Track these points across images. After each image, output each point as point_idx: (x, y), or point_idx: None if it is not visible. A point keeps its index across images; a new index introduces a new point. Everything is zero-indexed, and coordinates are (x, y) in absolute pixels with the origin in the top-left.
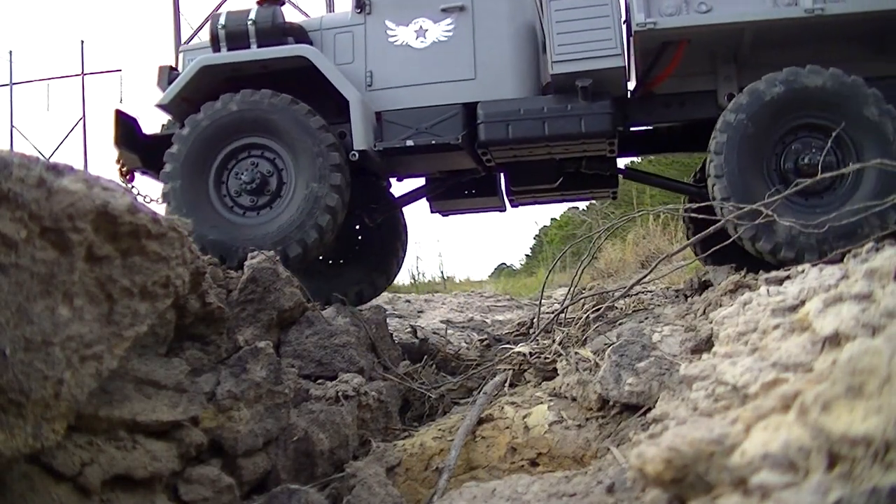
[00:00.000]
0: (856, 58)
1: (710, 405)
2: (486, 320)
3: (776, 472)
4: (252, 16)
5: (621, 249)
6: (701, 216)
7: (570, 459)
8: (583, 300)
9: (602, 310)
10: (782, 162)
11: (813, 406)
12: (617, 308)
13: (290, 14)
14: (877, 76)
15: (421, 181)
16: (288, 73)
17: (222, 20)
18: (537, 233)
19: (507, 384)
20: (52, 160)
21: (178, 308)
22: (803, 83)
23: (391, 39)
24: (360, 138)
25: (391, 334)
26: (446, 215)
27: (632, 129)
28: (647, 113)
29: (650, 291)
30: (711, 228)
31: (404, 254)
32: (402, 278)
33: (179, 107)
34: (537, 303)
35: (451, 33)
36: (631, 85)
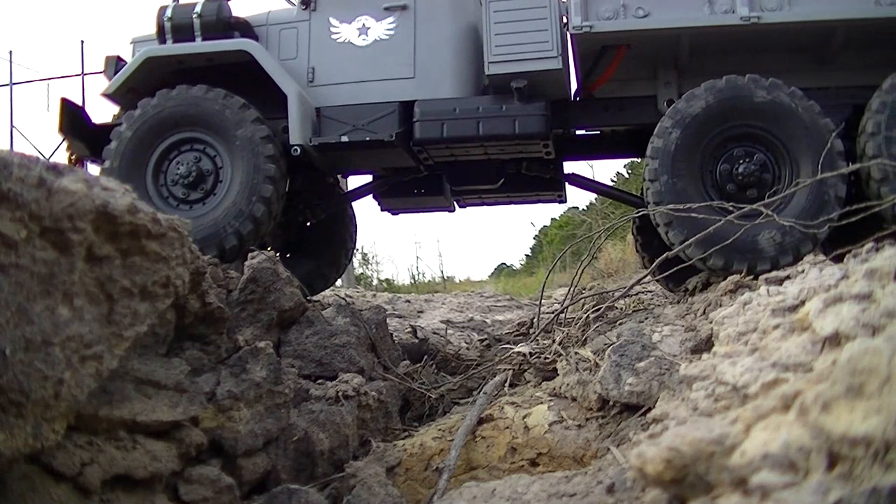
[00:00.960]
0: (797, 68)
1: (710, 405)
2: (486, 320)
3: (776, 472)
4: (198, 9)
5: (621, 249)
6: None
7: (570, 459)
8: (583, 300)
9: (602, 310)
10: (720, 179)
11: (813, 406)
12: (617, 308)
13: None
14: (818, 87)
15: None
16: (236, 66)
17: (169, 12)
18: (537, 233)
19: (507, 384)
20: (52, 160)
21: (178, 308)
22: (689, 112)
23: (334, 36)
24: (297, 133)
25: (391, 334)
26: (396, 214)
27: (577, 132)
28: (587, 116)
29: (650, 291)
30: (670, 253)
31: (353, 248)
32: (402, 278)
33: (126, 97)
34: (537, 303)
35: (392, 32)
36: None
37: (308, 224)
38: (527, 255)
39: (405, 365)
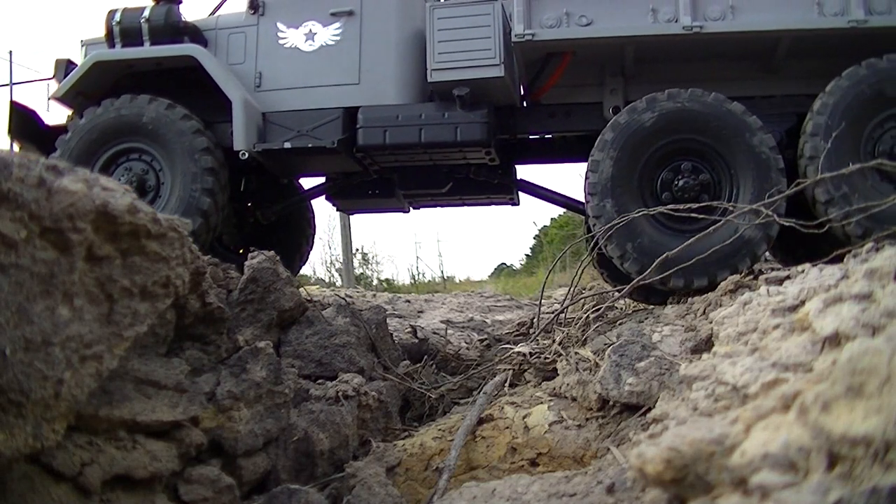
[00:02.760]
0: (744, 76)
1: (710, 405)
2: (486, 320)
3: (776, 472)
4: (146, 13)
5: None
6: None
7: (570, 459)
8: (583, 300)
9: (602, 310)
10: (660, 191)
11: (813, 406)
12: (617, 308)
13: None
14: (763, 95)
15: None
16: (186, 71)
17: (118, 16)
18: (537, 233)
19: (507, 384)
20: (51, 160)
21: (178, 308)
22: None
23: (281, 41)
24: (240, 139)
25: (391, 334)
26: (351, 214)
27: (528, 136)
28: (533, 122)
29: None
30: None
31: (309, 247)
32: (402, 278)
33: (76, 100)
34: (537, 303)
35: (339, 37)
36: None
37: (264, 223)
38: (527, 255)
39: (405, 365)
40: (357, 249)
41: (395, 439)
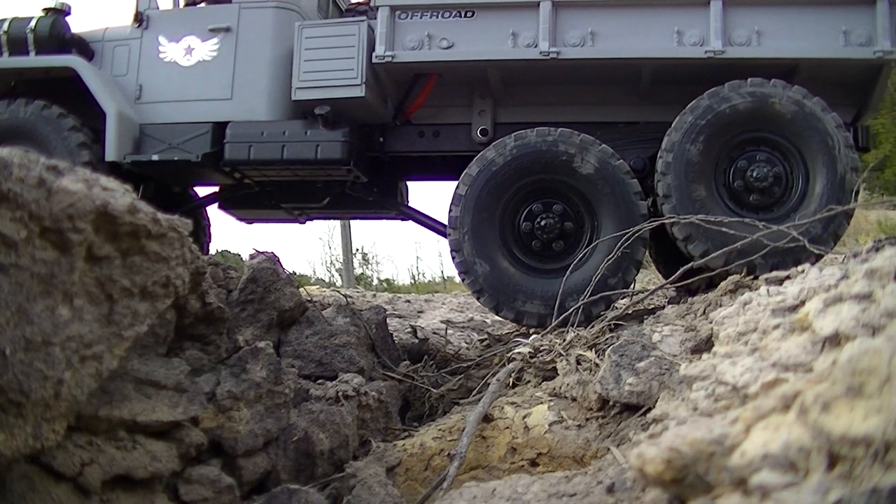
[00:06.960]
0: (615, 101)
1: (710, 405)
2: (486, 320)
3: (776, 472)
4: (31, 24)
5: None
6: None
7: (570, 459)
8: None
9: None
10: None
11: (813, 406)
12: (617, 308)
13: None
14: (628, 121)
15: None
16: (78, 80)
17: (5, 26)
18: None
19: (514, 373)
20: (51, 160)
21: (178, 308)
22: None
23: (161, 55)
24: (112, 150)
25: (391, 334)
26: (251, 223)
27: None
28: (402, 141)
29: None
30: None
31: (204, 252)
32: (402, 278)
33: None
34: None
35: (215, 53)
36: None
37: None
38: None
39: (405, 365)
40: (357, 249)
41: (395, 439)
